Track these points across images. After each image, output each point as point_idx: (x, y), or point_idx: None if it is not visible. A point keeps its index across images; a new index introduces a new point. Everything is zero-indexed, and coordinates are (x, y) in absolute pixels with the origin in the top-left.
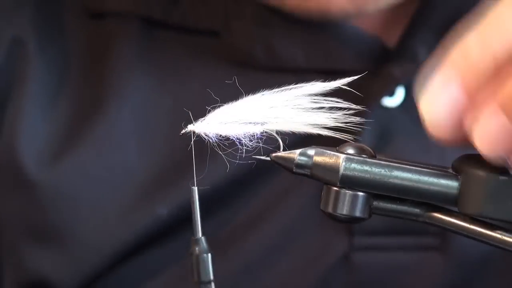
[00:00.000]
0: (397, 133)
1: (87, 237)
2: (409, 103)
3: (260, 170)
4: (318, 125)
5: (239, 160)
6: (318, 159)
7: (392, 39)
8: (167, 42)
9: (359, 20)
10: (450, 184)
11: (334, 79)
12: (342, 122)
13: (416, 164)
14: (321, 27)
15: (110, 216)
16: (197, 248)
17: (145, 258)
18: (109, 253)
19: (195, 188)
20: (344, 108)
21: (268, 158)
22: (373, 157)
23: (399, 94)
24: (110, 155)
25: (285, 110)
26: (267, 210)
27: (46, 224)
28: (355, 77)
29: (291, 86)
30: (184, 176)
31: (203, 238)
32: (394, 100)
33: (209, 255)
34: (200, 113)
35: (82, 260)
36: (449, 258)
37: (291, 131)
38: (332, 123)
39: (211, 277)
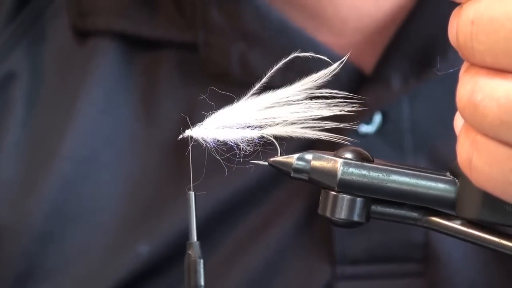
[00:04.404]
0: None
1: (72, 280)
2: (386, 129)
3: (238, 202)
4: (315, 127)
5: (237, 165)
6: (316, 163)
7: (368, 66)
8: (147, 59)
9: (336, 45)
10: (447, 188)
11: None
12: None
13: (413, 168)
14: (297, 49)
15: (93, 258)
16: (191, 252)
17: None
18: None
19: (192, 193)
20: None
21: (266, 163)
22: (371, 161)
23: (376, 120)
24: (86, 192)
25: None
26: (247, 242)
27: (30, 268)
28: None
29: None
30: (166, 213)
31: (197, 242)
32: (370, 126)
33: (201, 260)
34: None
35: None
36: (433, 285)
37: (288, 135)
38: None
39: (202, 282)
